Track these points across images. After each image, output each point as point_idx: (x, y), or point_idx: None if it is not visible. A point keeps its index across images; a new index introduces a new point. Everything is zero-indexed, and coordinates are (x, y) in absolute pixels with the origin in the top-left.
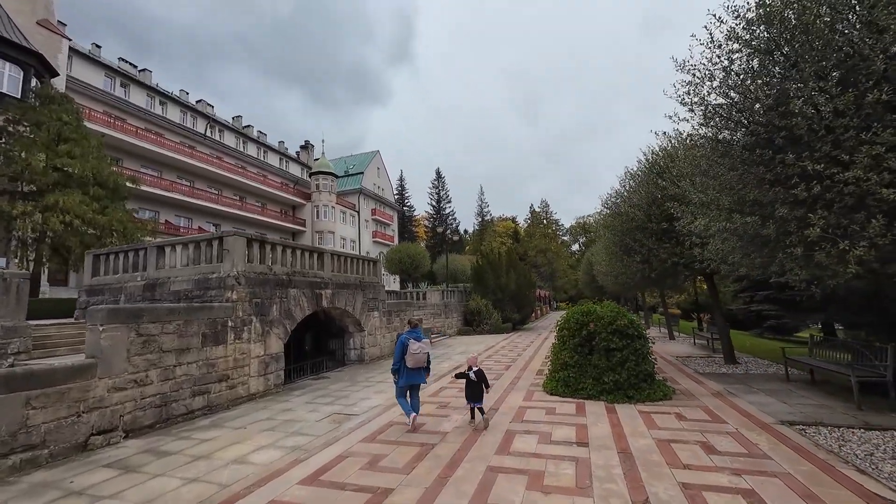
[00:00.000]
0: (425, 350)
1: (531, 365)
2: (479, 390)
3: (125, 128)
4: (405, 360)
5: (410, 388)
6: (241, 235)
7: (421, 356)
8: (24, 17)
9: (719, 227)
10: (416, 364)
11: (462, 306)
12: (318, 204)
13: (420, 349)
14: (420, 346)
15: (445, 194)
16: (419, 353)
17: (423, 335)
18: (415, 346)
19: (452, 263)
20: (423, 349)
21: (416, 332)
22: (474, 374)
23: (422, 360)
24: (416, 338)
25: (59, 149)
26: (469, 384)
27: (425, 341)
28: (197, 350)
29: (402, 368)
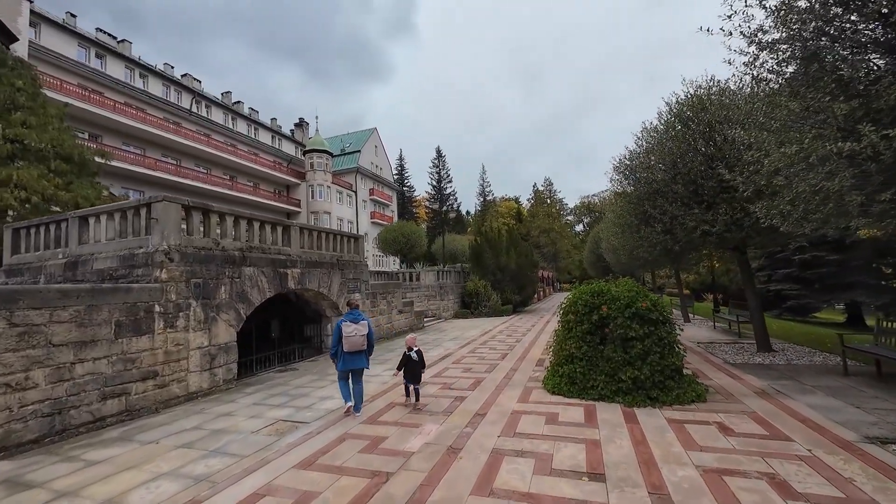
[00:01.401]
0: (361, 332)
1: (531, 353)
2: (417, 371)
3: (102, 102)
4: (341, 344)
5: (352, 373)
6: (174, 201)
7: (356, 339)
8: None
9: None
10: (352, 348)
11: (459, 288)
12: (312, 183)
13: (355, 332)
14: (355, 329)
15: (446, 174)
16: (354, 336)
17: (362, 316)
18: (349, 329)
19: (452, 244)
20: (359, 331)
21: (354, 314)
22: (415, 354)
23: (357, 343)
24: (353, 320)
25: (11, 118)
26: (409, 364)
27: (363, 322)
28: (108, 342)
29: (339, 353)
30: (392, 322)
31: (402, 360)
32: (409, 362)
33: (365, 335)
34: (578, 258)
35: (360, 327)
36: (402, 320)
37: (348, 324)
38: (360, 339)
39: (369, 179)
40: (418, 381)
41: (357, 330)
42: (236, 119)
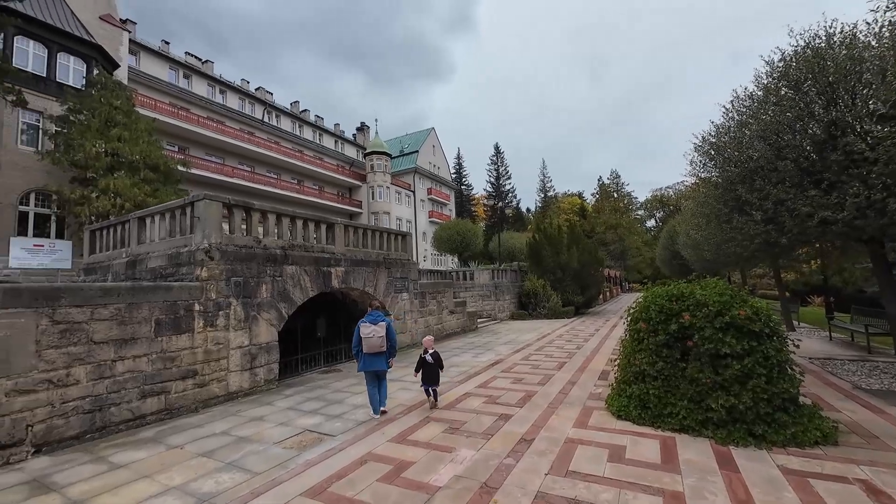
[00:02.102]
0: (379, 334)
1: (593, 363)
2: (434, 373)
3: (188, 117)
4: (362, 344)
5: (376, 375)
6: (214, 199)
7: (375, 340)
8: (88, 12)
9: None
10: (371, 349)
11: (516, 287)
12: (373, 185)
13: (373, 333)
14: (373, 330)
15: (505, 170)
16: (372, 338)
17: (382, 317)
18: (367, 330)
19: (510, 242)
20: (377, 332)
21: (374, 315)
22: (431, 357)
23: (376, 344)
24: (372, 321)
25: (110, 133)
26: (426, 367)
27: (381, 324)
28: (148, 340)
29: (359, 354)
30: (443, 323)
31: (418, 363)
32: (426, 365)
33: (383, 336)
34: (650, 256)
35: (379, 328)
36: (454, 321)
37: (367, 325)
38: (379, 340)
39: (427, 179)
40: (437, 382)
41: (375, 331)
42: (303, 126)
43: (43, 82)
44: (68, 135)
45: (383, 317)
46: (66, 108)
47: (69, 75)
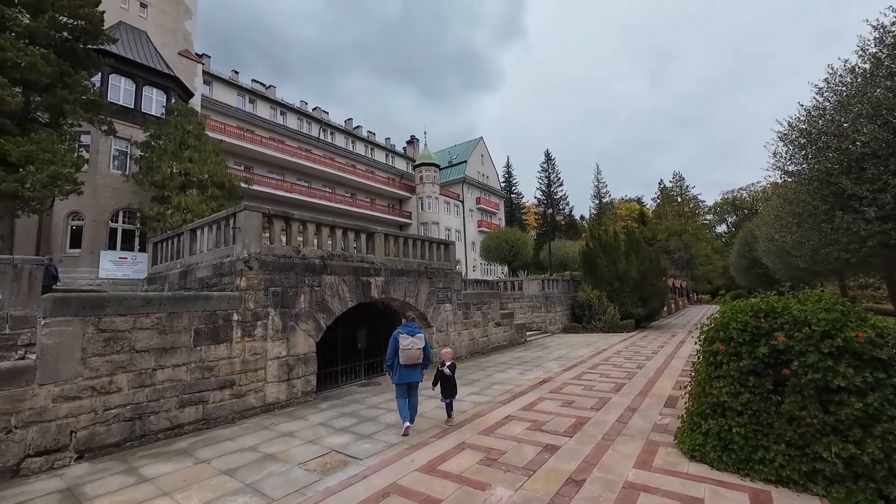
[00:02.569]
0: (418, 345)
1: (658, 387)
2: (452, 386)
3: (253, 138)
4: (398, 356)
5: (408, 386)
6: (254, 210)
7: (413, 352)
8: (168, 48)
9: None
10: (408, 360)
11: (569, 299)
12: (422, 195)
13: (412, 344)
14: (412, 342)
15: (556, 177)
16: (411, 349)
17: (418, 329)
18: (406, 342)
19: (562, 251)
20: (416, 344)
21: (410, 327)
22: (448, 370)
23: (415, 356)
24: (410, 332)
25: (182, 155)
26: (444, 380)
27: (419, 336)
28: (187, 350)
29: (395, 365)
30: (488, 336)
31: (436, 376)
32: (444, 378)
33: (422, 348)
34: (721, 264)
35: (417, 340)
36: (500, 334)
37: (405, 336)
38: (417, 352)
39: (476, 188)
40: (454, 394)
41: (414, 343)
42: (355, 142)
43: (131, 113)
44: (149, 158)
45: (419, 328)
46: (148, 135)
47: (152, 106)
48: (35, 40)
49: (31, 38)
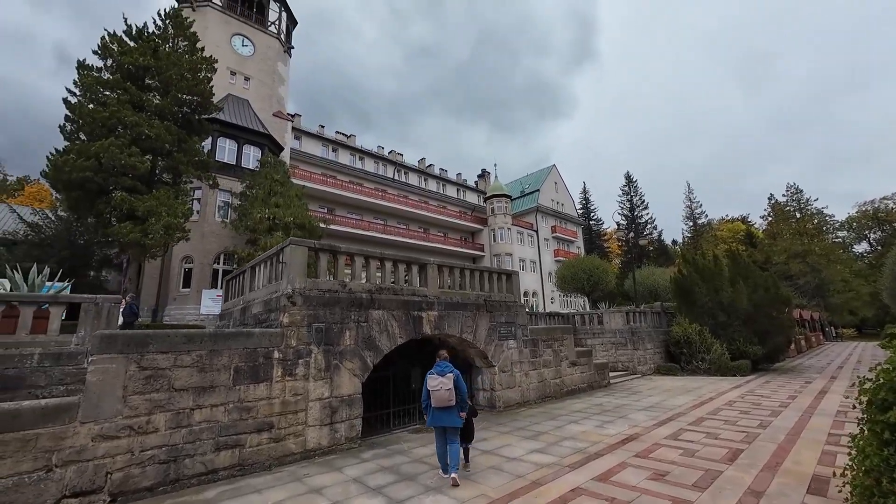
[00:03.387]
0: (447, 386)
1: (793, 459)
2: (468, 427)
3: (335, 183)
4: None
5: (446, 431)
6: (300, 244)
7: (442, 393)
8: (264, 111)
9: None
10: (439, 403)
11: (661, 334)
12: (493, 227)
13: (440, 385)
14: (440, 382)
15: (639, 200)
16: (439, 390)
17: (450, 368)
18: (434, 382)
19: (650, 279)
20: (444, 385)
21: (441, 366)
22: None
23: (444, 398)
24: (440, 372)
25: (271, 201)
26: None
27: (449, 375)
28: (226, 389)
29: (428, 408)
30: (561, 377)
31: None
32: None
33: (451, 389)
34: (868, 290)
35: (446, 380)
36: (577, 375)
37: (434, 377)
38: (447, 393)
39: (550, 217)
40: (470, 438)
41: (443, 384)
42: (427, 179)
43: (232, 168)
44: (244, 206)
45: (451, 367)
46: (244, 186)
47: (250, 161)
48: (161, 115)
49: (160, 114)
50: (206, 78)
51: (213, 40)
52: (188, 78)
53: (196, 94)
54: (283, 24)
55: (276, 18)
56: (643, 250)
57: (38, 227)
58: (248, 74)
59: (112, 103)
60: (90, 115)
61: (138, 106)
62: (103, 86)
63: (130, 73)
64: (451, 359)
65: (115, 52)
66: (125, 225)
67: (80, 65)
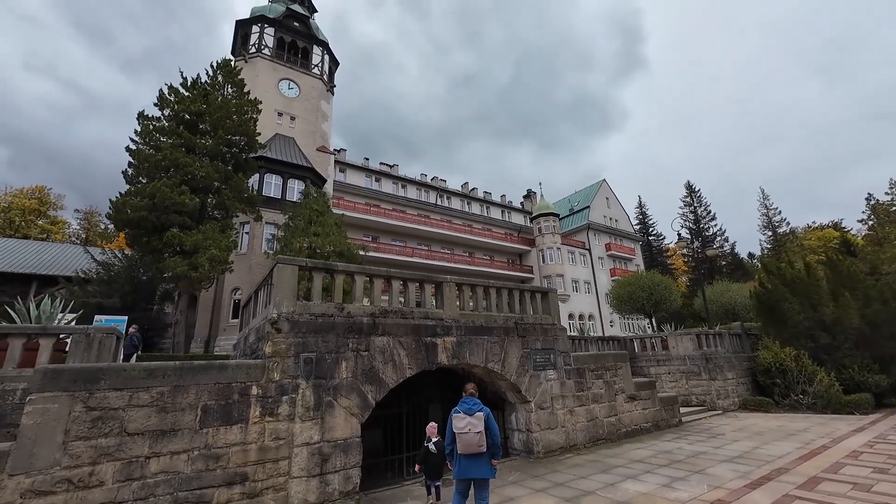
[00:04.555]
0: (476, 428)
1: None
2: (438, 465)
3: (378, 211)
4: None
5: (474, 484)
6: (289, 263)
7: (471, 437)
8: (309, 146)
9: None
10: (467, 449)
11: (744, 360)
12: (542, 247)
13: (468, 427)
14: (468, 423)
15: (705, 211)
16: (468, 433)
17: (479, 406)
18: (461, 423)
19: (724, 296)
20: (473, 427)
21: (468, 403)
22: (435, 446)
23: (472, 442)
24: (467, 410)
25: (310, 230)
26: (429, 458)
27: (478, 415)
28: (191, 433)
29: (454, 453)
30: (617, 414)
31: (421, 454)
32: (429, 456)
33: (482, 432)
34: None
35: (475, 421)
36: (637, 411)
37: (460, 416)
38: (476, 437)
39: (603, 234)
40: (439, 476)
41: (471, 425)
42: (471, 202)
43: (278, 202)
44: (286, 237)
45: (480, 405)
46: (287, 218)
47: (294, 194)
48: (211, 156)
49: (209, 155)
50: (252, 119)
51: (263, 86)
52: (234, 119)
53: (242, 134)
54: (325, 66)
55: (318, 61)
56: (713, 264)
57: (107, 265)
58: (294, 114)
59: (166, 147)
60: (146, 159)
61: (190, 148)
62: (160, 132)
63: (184, 119)
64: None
65: (171, 101)
66: (174, 259)
67: (141, 115)
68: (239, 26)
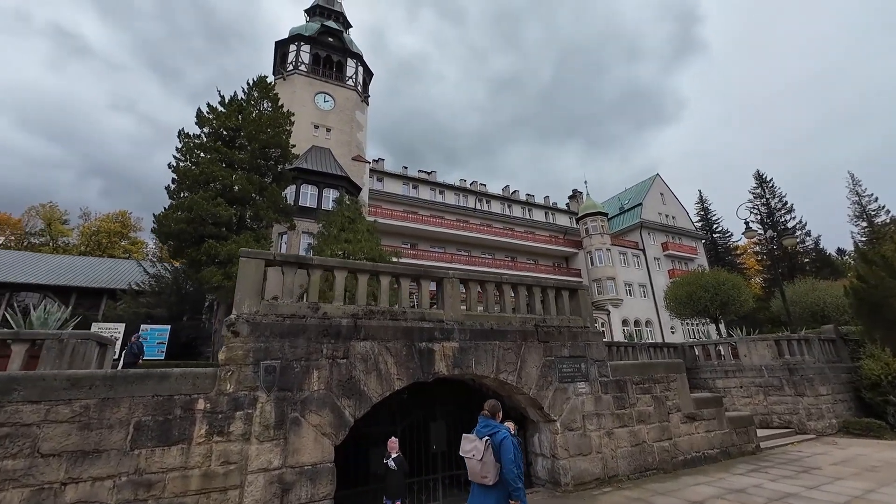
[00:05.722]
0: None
1: None
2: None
3: (416, 218)
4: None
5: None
6: (253, 257)
7: (472, 464)
8: (344, 156)
9: None
10: (473, 478)
11: (842, 371)
12: (590, 249)
13: (472, 451)
14: (473, 447)
15: (780, 203)
16: (471, 459)
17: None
18: (466, 447)
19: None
20: (477, 452)
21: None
22: (394, 462)
23: (474, 470)
24: (478, 432)
25: (341, 237)
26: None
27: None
28: (119, 454)
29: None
30: (671, 437)
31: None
32: (388, 473)
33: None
34: None
35: (481, 445)
36: (699, 435)
37: (469, 438)
38: (478, 466)
39: (659, 233)
40: (404, 495)
41: (475, 450)
42: (512, 205)
43: (314, 212)
44: (318, 245)
45: (495, 426)
46: (321, 226)
47: (329, 203)
48: (246, 169)
49: (245, 168)
50: (285, 131)
51: (300, 101)
52: (268, 132)
53: (276, 146)
54: (359, 77)
55: (353, 73)
56: (794, 262)
57: (157, 277)
58: (330, 126)
59: (204, 162)
60: (185, 173)
61: (228, 163)
62: (199, 149)
63: (221, 135)
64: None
65: (209, 119)
66: (211, 269)
67: (181, 133)
68: (278, 46)
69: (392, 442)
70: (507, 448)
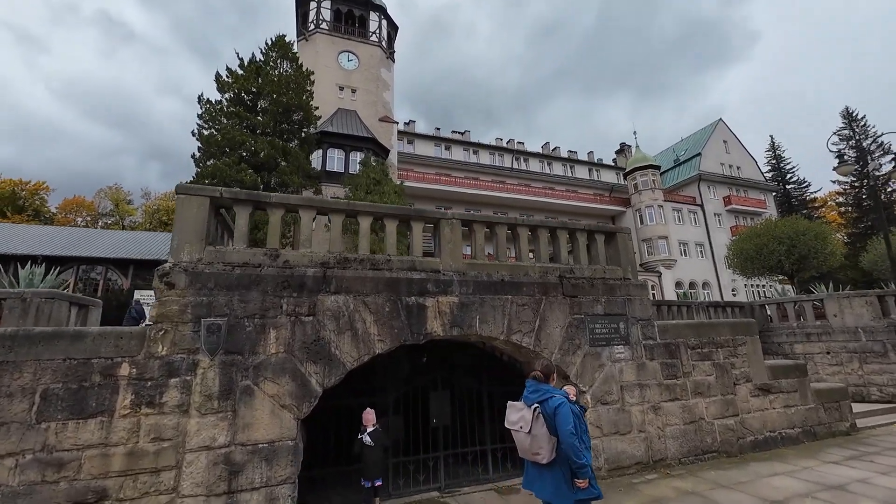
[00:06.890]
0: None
1: None
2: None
3: (448, 180)
4: None
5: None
6: (194, 193)
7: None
8: (371, 118)
9: None
10: (522, 454)
11: None
12: (639, 206)
13: (519, 421)
14: (520, 418)
15: (874, 144)
16: (518, 432)
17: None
18: (513, 416)
19: None
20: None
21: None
22: (370, 437)
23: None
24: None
25: (364, 198)
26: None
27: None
28: (22, 428)
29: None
30: (738, 414)
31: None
32: (364, 450)
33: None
34: None
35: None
36: (774, 411)
37: (513, 407)
38: (527, 439)
39: (720, 186)
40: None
41: (522, 420)
42: (552, 163)
43: (339, 176)
44: None
45: (548, 391)
46: (347, 189)
47: (355, 166)
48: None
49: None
50: (306, 91)
51: (324, 62)
52: (289, 94)
53: (299, 108)
54: (383, 32)
55: (376, 28)
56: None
57: None
58: (355, 86)
59: (225, 128)
60: (208, 140)
61: (251, 128)
62: (221, 114)
63: (242, 99)
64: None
65: (228, 83)
66: None
67: (200, 99)
68: (299, 5)
69: (367, 413)
70: (564, 417)
